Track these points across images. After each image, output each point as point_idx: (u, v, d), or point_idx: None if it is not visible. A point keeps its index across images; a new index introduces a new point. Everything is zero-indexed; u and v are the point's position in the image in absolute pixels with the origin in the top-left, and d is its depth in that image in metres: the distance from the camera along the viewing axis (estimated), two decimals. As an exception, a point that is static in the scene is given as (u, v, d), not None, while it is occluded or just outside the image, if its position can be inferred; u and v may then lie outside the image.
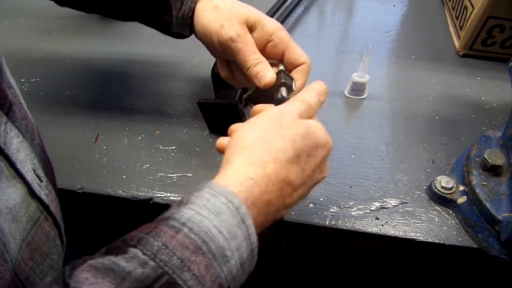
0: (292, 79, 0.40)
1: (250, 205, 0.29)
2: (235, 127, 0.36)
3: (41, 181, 0.35)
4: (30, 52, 0.70)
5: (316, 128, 0.34)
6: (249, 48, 0.40)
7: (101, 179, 0.51)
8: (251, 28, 0.41)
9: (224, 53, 0.43)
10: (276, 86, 0.40)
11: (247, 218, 0.29)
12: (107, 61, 0.68)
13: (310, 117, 0.35)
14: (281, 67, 0.42)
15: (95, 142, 0.55)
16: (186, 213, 0.27)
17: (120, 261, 0.25)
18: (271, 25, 0.41)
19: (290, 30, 0.75)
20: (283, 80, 0.40)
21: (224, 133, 0.37)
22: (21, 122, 0.35)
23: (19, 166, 0.31)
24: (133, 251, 0.25)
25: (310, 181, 0.34)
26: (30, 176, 0.32)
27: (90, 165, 0.52)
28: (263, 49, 0.42)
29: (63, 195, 0.50)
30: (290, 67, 0.42)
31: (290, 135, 0.32)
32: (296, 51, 0.41)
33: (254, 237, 0.29)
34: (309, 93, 0.36)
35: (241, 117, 0.52)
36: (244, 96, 0.43)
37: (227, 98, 0.51)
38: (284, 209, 0.33)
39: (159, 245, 0.25)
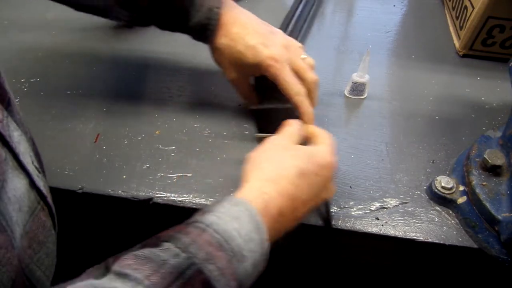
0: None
1: (264, 215, 0.34)
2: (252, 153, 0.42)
3: (39, 172, 0.36)
4: (30, 52, 0.70)
5: (316, 150, 0.40)
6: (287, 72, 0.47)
7: (101, 179, 0.51)
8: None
9: (254, 72, 0.49)
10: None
11: (262, 225, 0.33)
12: (107, 61, 0.68)
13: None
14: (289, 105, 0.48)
15: (95, 142, 0.55)
16: (210, 218, 0.32)
17: (156, 251, 0.29)
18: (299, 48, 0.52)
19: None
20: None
21: (273, 131, 0.44)
22: (17, 116, 0.36)
23: (21, 158, 0.33)
24: (166, 244, 0.29)
25: (316, 198, 0.39)
26: (31, 168, 0.34)
27: (90, 165, 0.52)
28: None
29: (63, 195, 0.50)
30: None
31: (294, 156, 0.39)
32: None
33: (267, 244, 0.33)
34: (292, 128, 0.44)
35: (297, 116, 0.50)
36: (253, 107, 0.52)
37: (280, 101, 0.51)
38: (293, 222, 0.38)
39: (189, 241, 0.29)
